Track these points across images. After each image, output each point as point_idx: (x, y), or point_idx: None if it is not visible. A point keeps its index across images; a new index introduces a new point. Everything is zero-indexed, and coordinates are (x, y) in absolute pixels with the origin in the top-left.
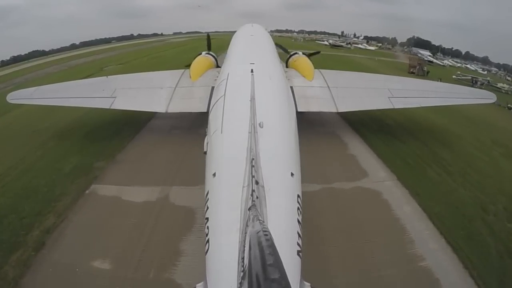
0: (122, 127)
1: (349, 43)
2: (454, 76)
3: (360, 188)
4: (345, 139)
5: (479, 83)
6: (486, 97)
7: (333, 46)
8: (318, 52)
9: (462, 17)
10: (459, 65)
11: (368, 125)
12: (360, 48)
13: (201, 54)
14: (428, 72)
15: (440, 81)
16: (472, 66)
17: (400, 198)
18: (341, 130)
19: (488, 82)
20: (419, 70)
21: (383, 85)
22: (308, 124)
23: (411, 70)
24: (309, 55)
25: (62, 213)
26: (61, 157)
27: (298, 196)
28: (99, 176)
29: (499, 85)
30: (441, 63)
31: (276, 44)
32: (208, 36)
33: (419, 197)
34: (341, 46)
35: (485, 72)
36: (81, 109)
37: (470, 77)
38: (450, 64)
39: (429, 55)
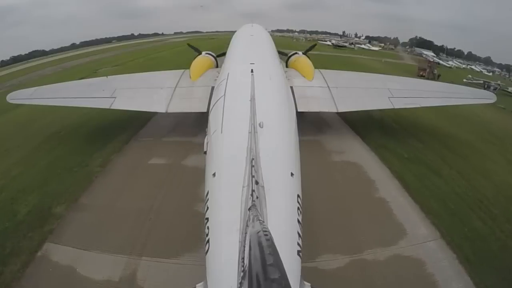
0: (93, 156)
1: (352, 43)
2: (464, 80)
3: (399, 258)
4: (371, 174)
5: (492, 87)
6: (486, 97)
7: (336, 46)
8: (314, 45)
9: (464, 18)
10: (464, 66)
11: (394, 150)
12: (363, 48)
13: (201, 54)
14: (439, 76)
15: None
16: (477, 67)
17: (449, 269)
18: (365, 160)
19: (500, 86)
20: (429, 73)
21: (383, 85)
22: (324, 152)
23: (421, 73)
24: (305, 52)
25: (8, 286)
26: (20, 191)
27: (298, 196)
28: (56, 230)
29: (510, 89)
30: (447, 65)
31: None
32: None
33: (470, 265)
34: (345, 46)
35: (490, 74)
36: (58, 123)
37: (482, 81)
38: (456, 65)
39: (433, 56)
